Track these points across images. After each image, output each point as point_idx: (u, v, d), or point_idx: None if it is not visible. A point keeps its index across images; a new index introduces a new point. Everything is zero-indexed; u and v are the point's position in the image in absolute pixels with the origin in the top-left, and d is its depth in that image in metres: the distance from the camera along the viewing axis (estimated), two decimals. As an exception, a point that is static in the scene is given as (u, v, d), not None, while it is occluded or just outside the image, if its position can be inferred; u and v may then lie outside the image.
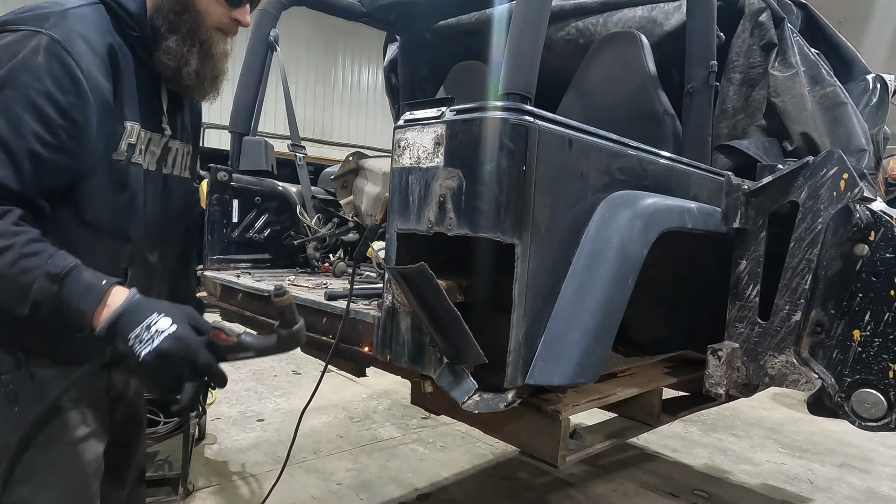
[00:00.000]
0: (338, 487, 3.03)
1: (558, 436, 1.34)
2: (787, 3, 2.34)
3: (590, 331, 1.17)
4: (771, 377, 1.47)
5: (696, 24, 2.02)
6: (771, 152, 2.18)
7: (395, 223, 1.26)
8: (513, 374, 1.15)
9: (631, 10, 2.40)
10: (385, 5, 2.78)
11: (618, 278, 1.21)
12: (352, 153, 2.69)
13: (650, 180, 1.47)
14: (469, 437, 3.83)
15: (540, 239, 1.16)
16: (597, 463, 3.51)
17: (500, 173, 1.11)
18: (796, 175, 1.43)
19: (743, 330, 1.50)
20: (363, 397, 4.49)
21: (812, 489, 3.41)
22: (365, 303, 1.66)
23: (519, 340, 1.15)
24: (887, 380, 1.40)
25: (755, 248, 1.49)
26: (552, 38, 2.59)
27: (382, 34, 3.38)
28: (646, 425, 1.77)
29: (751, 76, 2.19)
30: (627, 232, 1.24)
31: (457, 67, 2.83)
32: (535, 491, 3.18)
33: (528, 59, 1.28)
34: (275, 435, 3.58)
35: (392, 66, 3.35)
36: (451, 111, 1.17)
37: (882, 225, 1.42)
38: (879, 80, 2.59)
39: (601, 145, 1.31)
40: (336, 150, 12.14)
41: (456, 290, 1.22)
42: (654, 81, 2.09)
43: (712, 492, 3.25)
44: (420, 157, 1.21)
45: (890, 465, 3.83)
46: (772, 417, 4.73)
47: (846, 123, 2.27)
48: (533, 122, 1.13)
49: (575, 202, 1.25)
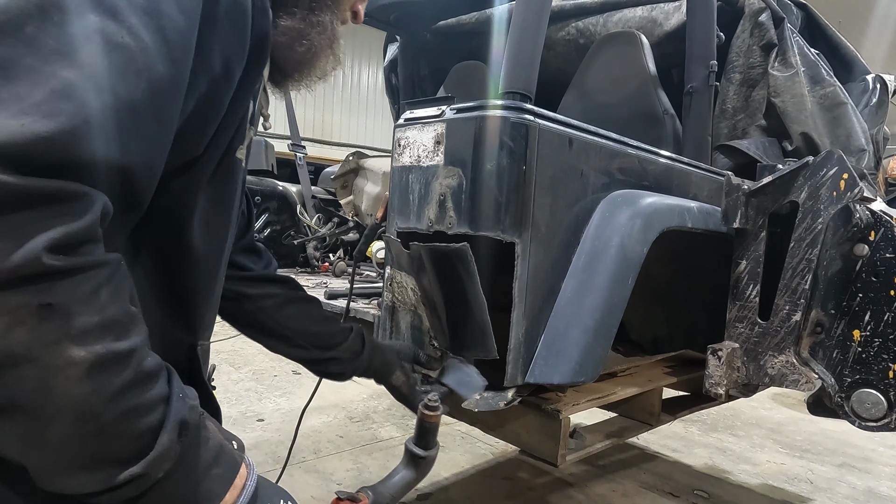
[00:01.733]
0: (338, 487, 3.03)
1: (558, 435, 1.34)
2: (787, 3, 2.34)
3: (590, 330, 1.17)
4: (771, 377, 1.47)
5: (695, 24, 2.02)
6: (771, 152, 2.18)
7: (396, 222, 1.26)
8: (513, 372, 1.15)
9: (631, 10, 2.41)
10: (385, 5, 2.78)
11: (618, 277, 1.21)
12: (352, 153, 2.70)
13: (650, 180, 1.47)
14: (469, 436, 3.83)
15: (540, 238, 1.16)
16: (597, 463, 3.51)
17: (500, 172, 1.11)
18: (796, 175, 1.43)
19: (743, 330, 1.50)
20: (363, 397, 4.48)
21: (812, 489, 3.40)
22: (365, 302, 1.66)
23: (519, 339, 1.15)
24: (887, 380, 1.40)
25: (755, 248, 1.49)
26: (552, 38, 2.60)
27: (382, 34, 3.38)
28: (646, 425, 1.77)
29: (751, 76, 2.19)
30: (627, 231, 1.24)
31: (457, 67, 2.83)
32: (535, 491, 3.18)
33: (528, 57, 1.28)
34: (275, 435, 3.58)
35: (392, 66, 3.36)
36: (451, 110, 1.17)
37: (882, 225, 1.42)
38: (879, 80, 2.59)
39: (601, 144, 1.32)
40: (336, 150, 12.16)
41: (456, 290, 1.22)
42: (654, 81, 2.09)
43: (712, 492, 3.25)
44: (420, 156, 1.21)
45: (890, 465, 3.83)
46: (772, 417, 4.73)
47: (846, 123, 2.28)
48: (533, 121, 1.13)
49: (575, 201, 1.25)
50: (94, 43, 0.47)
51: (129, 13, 0.50)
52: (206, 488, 0.56)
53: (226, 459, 0.60)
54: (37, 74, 0.44)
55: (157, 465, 0.51)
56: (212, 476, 0.57)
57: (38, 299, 0.43)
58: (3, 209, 0.41)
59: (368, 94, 14.03)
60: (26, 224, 0.41)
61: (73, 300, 0.44)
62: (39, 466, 0.49)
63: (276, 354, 1.22)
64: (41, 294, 0.43)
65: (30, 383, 0.44)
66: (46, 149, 0.42)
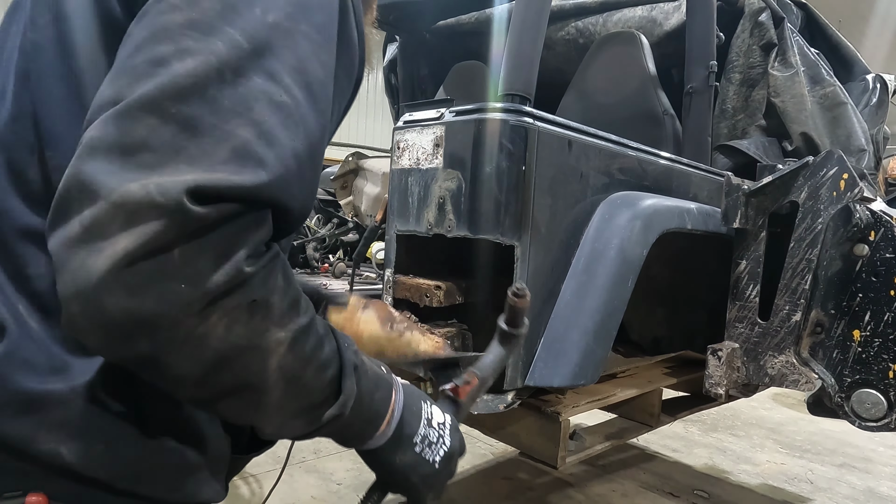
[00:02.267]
0: (338, 487, 3.03)
1: (558, 437, 1.34)
2: (787, 3, 2.34)
3: (589, 332, 1.17)
4: (771, 377, 1.47)
5: (695, 24, 2.02)
6: (771, 152, 2.18)
7: (395, 224, 1.26)
8: (512, 375, 1.15)
9: (631, 10, 2.40)
10: (385, 5, 2.78)
11: (617, 279, 1.21)
12: (351, 153, 2.69)
13: (650, 181, 1.46)
14: (469, 437, 3.82)
15: (539, 240, 1.16)
16: (597, 463, 3.51)
17: (500, 174, 1.11)
18: (796, 175, 1.43)
19: (743, 330, 1.50)
20: (363, 397, 4.48)
21: (812, 489, 3.40)
22: (364, 303, 1.66)
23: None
24: (887, 380, 1.40)
25: (755, 248, 1.49)
26: (552, 38, 2.60)
27: (382, 34, 3.37)
28: (646, 426, 1.77)
29: (751, 76, 2.19)
30: (627, 233, 1.24)
31: (457, 67, 2.83)
32: (535, 491, 3.18)
33: (527, 59, 1.28)
34: (275, 435, 3.58)
35: (392, 66, 3.36)
36: (450, 112, 1.17)
37: (882, 225, 1.42)
38: (879, 80, 2.59)
39: (600, 146, 1.31)
40: (336, 150, 12.12)
41: (455, 292, 1.22)
42: (653, 81, 2.09)
43: (712, 492, 3.25)
44: (419, 159, 1.21)
45: (890, 465, 3.83)
46: (772, 417, 4.73)
47: (846, 123, 2.27)
48: (532, 123, 1.13)
49: (574, 203, 1.25)
50: (262, 102, 0.56)
51: (284, 74, 0.58)
52: (375, 410, 0.70)
53: (382, 383, 0.72)
54: (218, 132, 0.53)
55: (347, 404, 0.65)
56: (376, 399, 0.70)
57: (246, 299, 0.53)
58: (208, 232, 0.51)
59: (368, 95, 14.02)
60: (228, 242, 0.52)
61: (269, 292, 0.55)
62: (264, 424, 0.62)
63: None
64: (247, 294, 0.53)
65: (253, 366, 0.56)
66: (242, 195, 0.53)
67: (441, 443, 0.75)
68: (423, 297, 1.19)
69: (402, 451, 0.73)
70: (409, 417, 0.74)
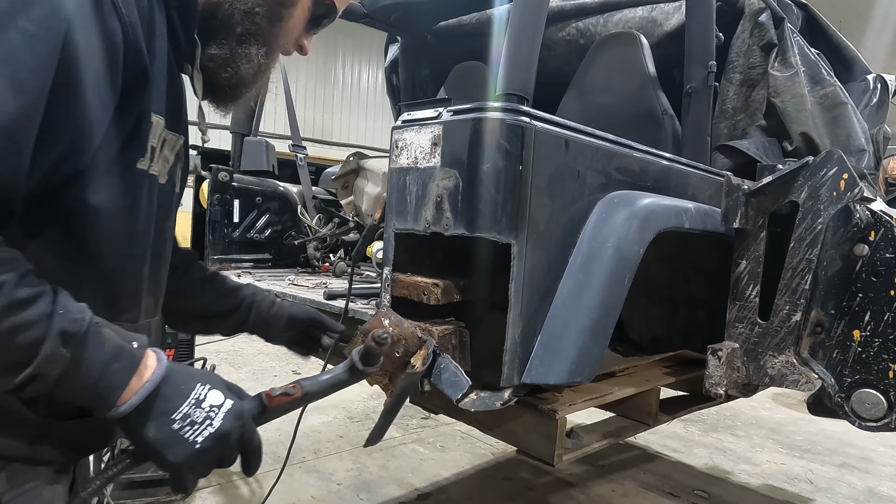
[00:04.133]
0: (338, 487, 3.04)
1: (555, 435, 1.34)
2: (787, 3, 2.33)
3: (586, 330, 1.17)
4: (771, 377, 1.46)
5: (695, 25, 2.02)
6: (771, 152, 2.18)
7: (393, 223, 1.26)
8: (509, 372, 1.15)
9: (631, 11, 2.41)
10: (386, 6, 2.79)
11: (614, 278, 1.21)
12: (352, 153, 2.70)
13: (648, 180, 1.47)
14: (469, 437, 3.84)
15: (536, 238, 1.16)
16: (597, 463, 3.51)
17: (497, 174, 1.11)
18: (796, 175, 1.43)
19: (743, 330, 1.50)
20: (363, 397, 4.49)
21: (812, 489, 3.40)
22: (364, 302, 1.67)
23: (515, 339, 1.15)
24: (887, 380, 1.40)
25: (755, 248, 1.49)
26: (552, 38, 2.60)
27: (383, 34, 3.38)
28: (643, 425, 1.77)
29: (751, 76, 2.18)
30: (624, 232, 1.24)
31: (458, 68, 2.84)
32: (535, 491, 3.18)
33: (525, 59, 1.28)
34: (275, 435, 3.58)
35: (393, 66, 3.36)
36: (447, 112, 1.18)
37: (882, 225, 1.42)
38: (879, 80, 2.58)
39: (598, 145, 1.32)
40: (337, 151, 12.16)
41: (453, 290, 1.22)
42: (653, 81, 2.09)
43: (712, 492, 3.25)
44: (417, 158, 1.21)
45: (890, 465, 3.82)
46: (772, 417, 4.72)
47: (846, 123, 2.27)
48: (529, 123, 1.13)
49: (572, 202, 1.26)
50: None
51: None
52: (110, 379, 0.73)
53: (125, 356, 0.74)
54: None
55: (47, 366, 0.68)
56: (113, 370, 0.73)
57: None
58: None
59: (369, 95, 14.03)
60: None
61: None
62: None
63: (276, 354, 1.23)
64: None
65: None
66: None
67: (207, 423, 0.77)
68: (421, 295, 1.20)
69: (154, 425, 0.75)
70: (169, 393, 0.76)
